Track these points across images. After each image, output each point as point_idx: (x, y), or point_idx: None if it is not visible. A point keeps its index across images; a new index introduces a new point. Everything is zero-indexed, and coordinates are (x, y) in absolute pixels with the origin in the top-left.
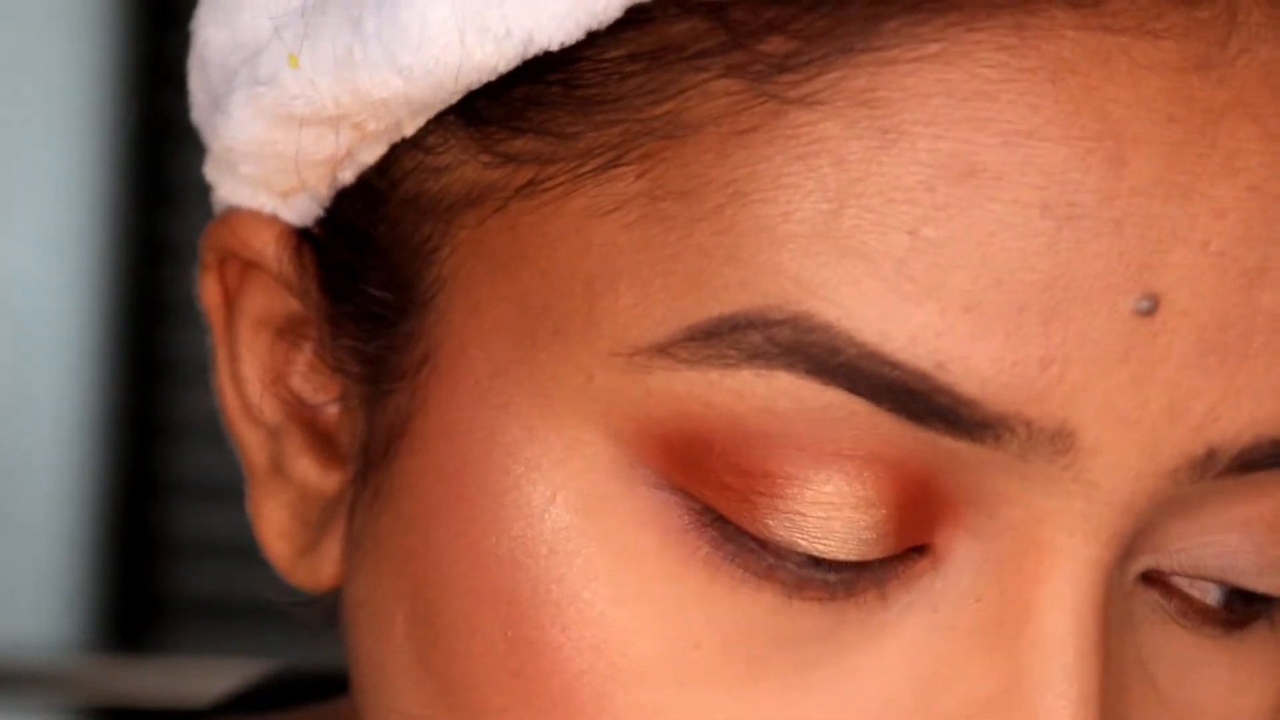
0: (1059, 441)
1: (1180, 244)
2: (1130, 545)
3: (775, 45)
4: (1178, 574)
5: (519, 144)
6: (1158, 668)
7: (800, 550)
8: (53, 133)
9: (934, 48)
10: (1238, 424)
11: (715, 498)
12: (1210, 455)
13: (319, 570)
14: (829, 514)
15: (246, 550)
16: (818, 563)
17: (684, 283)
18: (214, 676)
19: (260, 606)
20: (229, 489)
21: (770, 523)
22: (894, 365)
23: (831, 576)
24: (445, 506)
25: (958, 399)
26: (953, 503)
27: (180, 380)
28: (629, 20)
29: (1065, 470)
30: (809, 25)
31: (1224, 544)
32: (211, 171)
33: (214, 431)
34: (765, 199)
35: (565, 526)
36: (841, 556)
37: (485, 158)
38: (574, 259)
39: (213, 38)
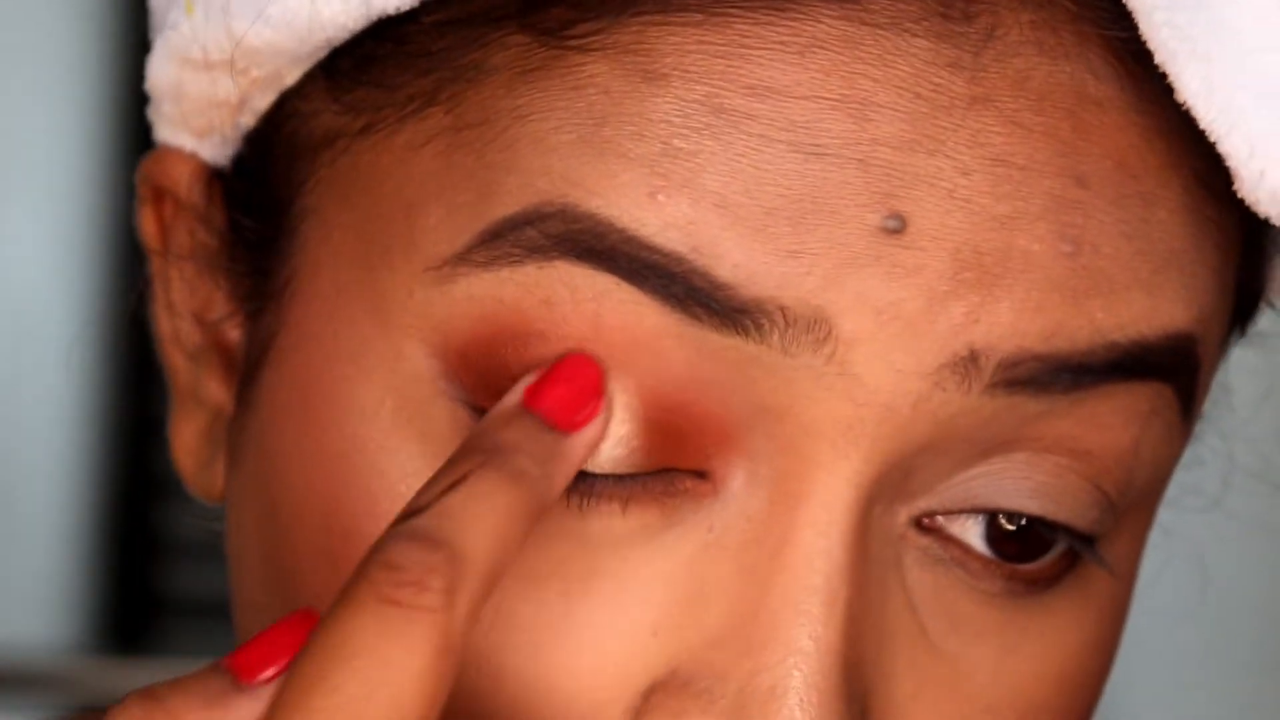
0: (817, 328)
1: (925, 186)
2: (898, 480)
3: (559, 11)
4: (950, 511)
5: (359, 94)
6: (929, 617)
7: None
8: (53, 133)
9: (697, 16)
10: (1000, 329)
11: (496, 403)
12: (973, 357)
13: (212, 483)
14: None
15: None
16: (588, 473)
17: (478, 196)
18: None
19: None
20: None
21: None
22: (651, 249)
23: (611, 486)
24: (292, 409)
25: (713, 282)
26: (729, 427)
27: None
28: None
29: (829, 363)
30: None
31: (991, 473)
32: (151, 111)
33: None
34: (541, 118)
35: (390, 426)
36: (609, 468)
37: (336, 106)
38: (398, 188)
39: None
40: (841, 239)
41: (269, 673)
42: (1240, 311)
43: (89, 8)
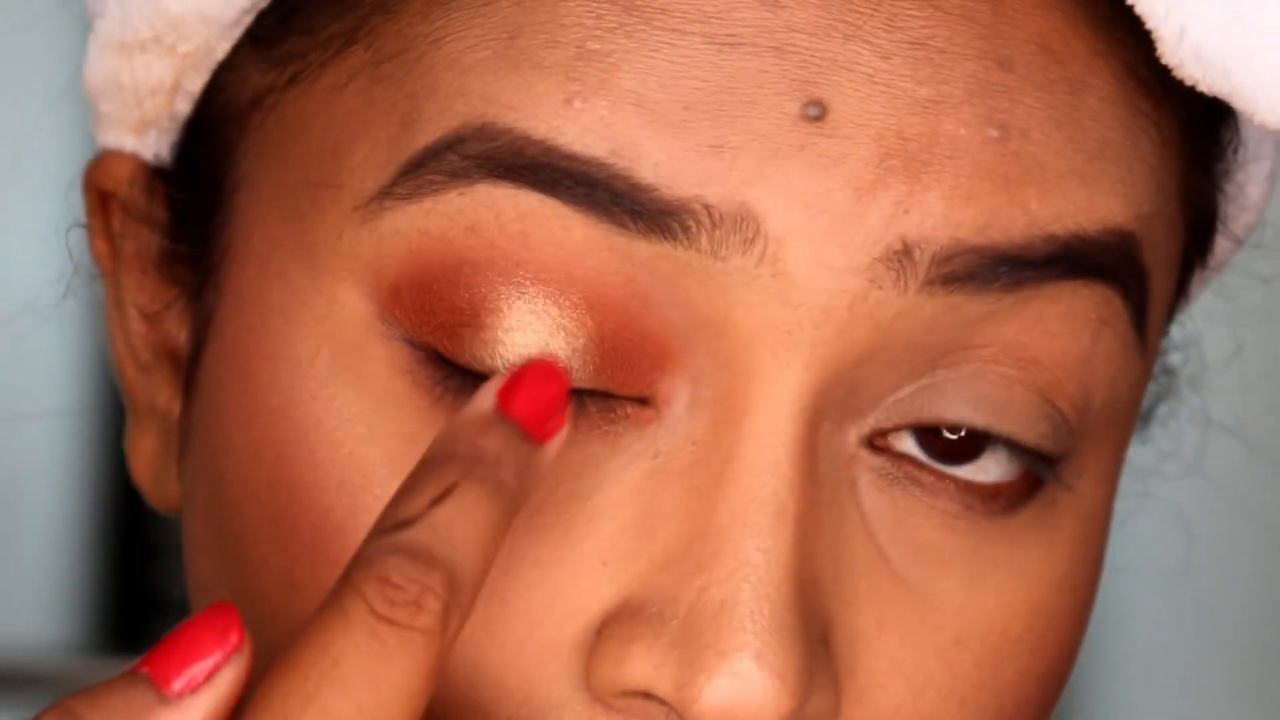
0: (745, 226)
1: (843, 71)
2: (844, 396)
3: None
4: (898, 426)
5: (286, 47)
6: (890, 544)
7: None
8: (53, 132)
9: None
10: (932, 219)
11: (435, 338)
12: (906, 251)
13: (169, 489)
14: (526, 340)
15: None
16: None
17: (399, 128)
18: None
19: None
20: None
21: (478, 353)
22: (570, 157)
23: None
24: (231, 377)
25: (635, 184)
26: (669, 346)
27: None
28: None
29: (760, 264)
30: None
31: (936, 385)
32: (91, 118)
33: None
34: (455, 39)
35: (326, 375)
36: None
37: (264, 65)
38: (323, 132)
39: None
40: (762, 130)
41: (194, 677)
42: (1195, 236)
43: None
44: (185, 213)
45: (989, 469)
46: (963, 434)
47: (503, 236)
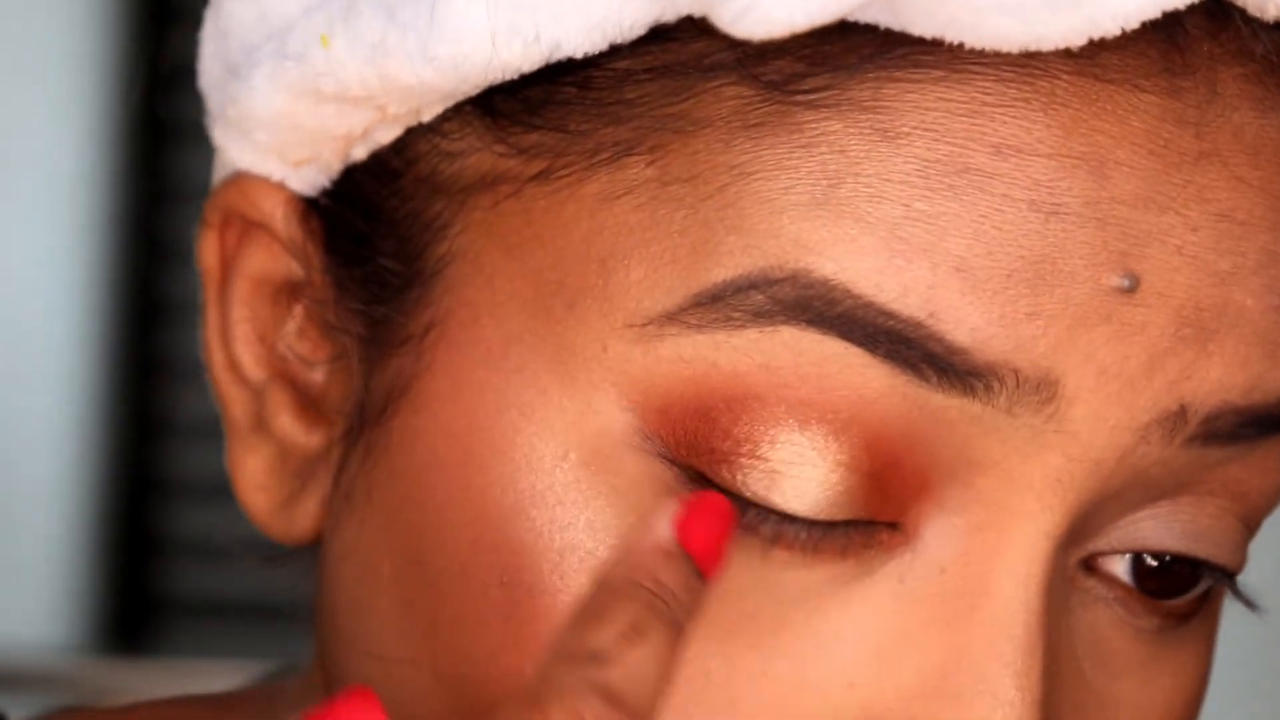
0: (1044, 390)
1: (1156, 243)
2: (1079, 527)
3: (783, 65)
4: (1116, 551)
5: (533, 137)
6: (1085, 655)
7: (774, 507)
8: (53, 133)
9: (937, 73)
10: (1208, 384)
11: (701, 462)
12: (1181, 412)
13: (296, 523)
14: (804, 472)
15: (245, 550)
16: (791, 520)
17: (690, 255)
18: (213, 677)
19: (259, 606)
20: (228, 489)
21: (750, 481)
22: (888, 315)
23: (803, 532)
24: (450, 460)
25: (949, 346)
26: (929, 478)
27: (179, 380)
28: (649, 35)
29: (1048, 421)
30: (817, 50)
31: (1158, 515)
32: (222, 136)
33: (213, 431)
34: (768, 177)
35: (575, 481)
36: (812, 515)
37: (500, 148)
38: (588, 239)
39: (237, 11)
40: (1077, 299)
41: None
42: None
43: (90, 10)
44: (370, 255)
45: (1179, 589)
46: (1166, 559)
47: (797, 378)
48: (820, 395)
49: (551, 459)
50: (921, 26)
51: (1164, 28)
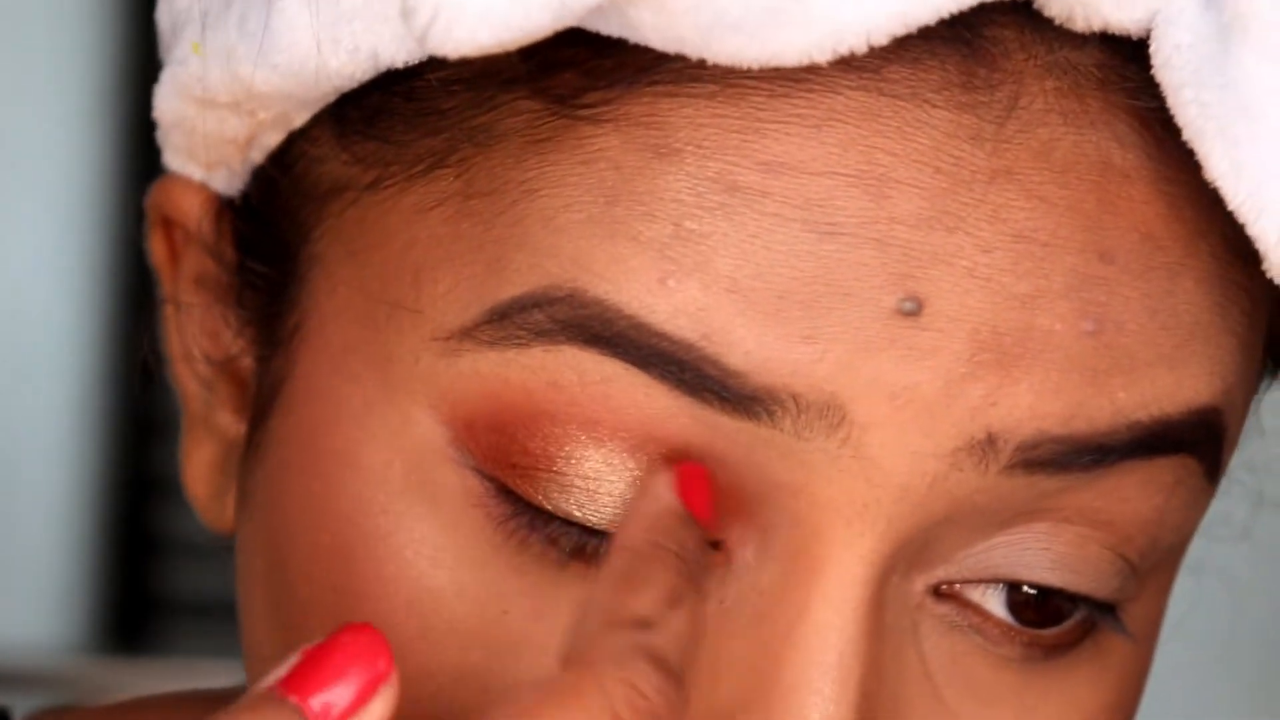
0: (830, 414)
1: (944, 265)
2: (916, 551)
3: (569, 78)
4: (969, 580)
5: (369, 146)
6: (945, 684)
7: (577, 520)
8: (53, 133)
9: (711, 87)
10: (1018, 413)
11: (506, 476)
12: (991, 441)
13: (223, 514)
14: (602, 487)
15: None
16: (596, 534)
17: (485, 270)
18: (213, 676)
19: None
20: None
21: (554, 497)
22: (661, 335)
23: (605, 548)
24: (298, 465)
25: (725, 370)
26: (742, 498)
27: None
28: None
29: (843, 446)
30: (597, 65)
31: (1011, 543)
32: (159, 136)
33: None
34: (550, 195)
35: (398, 491)
36: (614, 529)
37: (345, 156)
38: (405, 250)
39: (161, 9)
40: (856, 323)
41: (334, 703)
42: (1274, 359)
43: (90, 10)
44: (253, 268)
45: (1054, 619)
46: (1034, 592)
47: (584, 395)
48: (609, 414)
49: (378, 468)
50: (659, 43)
51: (965, 40)
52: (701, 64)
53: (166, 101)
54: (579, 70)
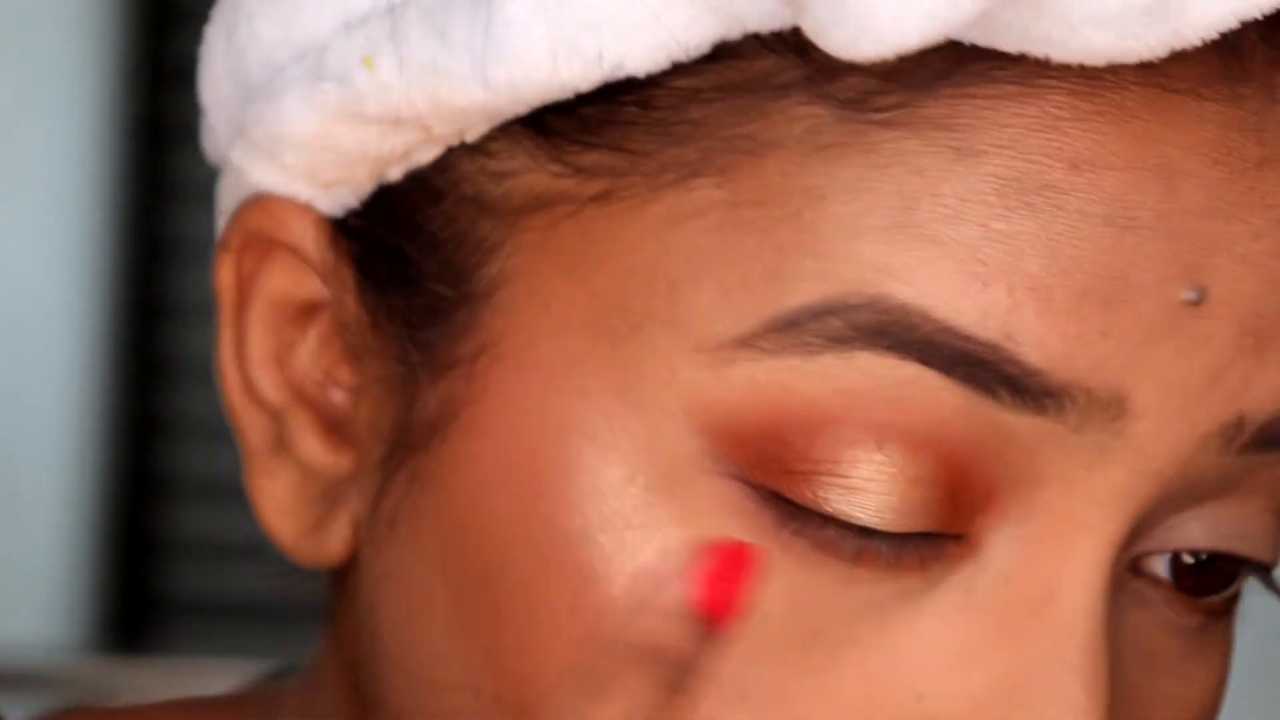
0: (1113, 407)
1: (1223, 253)
2: (1135, 532)
3: (856, 82)
4: (1154, 552)
5: (591, 157)
6: (1128, 655)
7: (858, 522)
8: (54, 133)
9: (1010, 88)
10: (1265, 395)
11: (778, 483)
12: (1239, 423)
13: (325, 547)
14: (887, 489)
15: (245, 550)
16: (871, 534)
17: (763, 279)
18: (213, 676)
19: (259, 606)
20: (228, 489)
21: (831, 498)
22: (966, 339)
23: (884, 547)
24: (510, 486)
25: (1025, 369)
26: (994, 491)
27: (180, 380)
28: (713, 53)
29: (1114, 437)
30: (890, 67)
31: (1204, 514)
32: (242, 157)
33: (213, 431)
34: (844, 201)
35: (644, 504)
36: (895, 529)
37: (555, 168)
38: (653, 261)
39: (261, 31)
40: (1147, 315)
41: None
42: None
43: (90, 10)
44: (396, 280)
45: (1217, 586)
46: (1203, 558)
47: (873, 400)
48: (896, 416)
49: (619, 483)
50: (1010, 42)
51: (1220, 34)
52: (999, 65)
53: (297, 122)
54: (867, 74)
